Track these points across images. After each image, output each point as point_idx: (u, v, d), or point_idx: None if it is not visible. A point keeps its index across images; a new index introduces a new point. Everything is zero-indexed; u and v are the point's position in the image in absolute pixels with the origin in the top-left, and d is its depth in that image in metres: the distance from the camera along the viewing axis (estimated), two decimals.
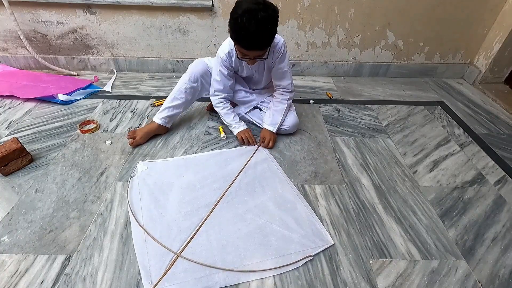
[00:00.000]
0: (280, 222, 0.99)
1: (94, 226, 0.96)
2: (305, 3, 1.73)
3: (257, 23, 0.97)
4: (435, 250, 0.93)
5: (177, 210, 1.02)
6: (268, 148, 1.32)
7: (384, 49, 1.95)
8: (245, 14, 0.97)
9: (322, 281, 0.84)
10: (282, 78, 1.31)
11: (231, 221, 0.99)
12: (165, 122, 1.35)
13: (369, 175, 1.21)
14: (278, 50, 1.22)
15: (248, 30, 0.98)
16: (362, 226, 1.00)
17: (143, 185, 1.10)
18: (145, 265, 0.85)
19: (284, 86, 1.33)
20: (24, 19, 1.74)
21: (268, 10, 1.00)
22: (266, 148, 1.32)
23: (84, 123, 1.43)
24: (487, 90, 1.89)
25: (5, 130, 1.39)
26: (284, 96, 1.35)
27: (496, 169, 1.27)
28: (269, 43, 1.08)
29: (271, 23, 1.01)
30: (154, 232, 0.94)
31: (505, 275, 0.87)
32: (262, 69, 1.33)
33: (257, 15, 0.97)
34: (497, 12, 1.79)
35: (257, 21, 0.97)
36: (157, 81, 1.88)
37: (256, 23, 0.97)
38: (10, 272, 0.83)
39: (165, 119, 1.34)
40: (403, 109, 1.68)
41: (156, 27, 1.81)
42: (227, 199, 1.07)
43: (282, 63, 1.26)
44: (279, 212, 1.02)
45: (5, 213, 1.00)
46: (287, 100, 1.35)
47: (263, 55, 1.13)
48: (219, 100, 1.36)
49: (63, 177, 1.14)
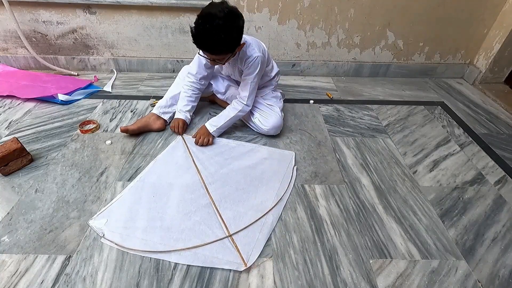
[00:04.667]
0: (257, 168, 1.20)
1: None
2: (305, 3, 1.73)
3: (210, 29, 0.99)
4: (435, 250, 0.93)
5: (183, 216, 1.03)
6: (197, 145, 1.31)
7: (384, 49, 1.95)
8: (203, 17, 1.00)
9: (322, 281, 0.84)
10: (243, 87, 1.30)
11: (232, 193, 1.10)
12: (159, 112, 1.39)
13: (369, 175, 1.21)
14: (248, 62, 1.22)
15: (199, 32, 1.01)
16: (362, 226, 1.00)
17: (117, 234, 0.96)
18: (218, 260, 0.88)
19: (241, 96, 1.32)
20: (24, 19, 1.74)
21: (228, 19, 1.00)
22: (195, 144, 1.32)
23: (84, 123, 1.43)
24: (487, 90, 1.89)
25: (5, 130, 1.39)
26: (236, 105, 1.33)
27: (496, 169, 1.27)
28: (222, 50, 1.07)
29: (226, 32, 1.00)
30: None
31: (505, 275, 0.88)
32: (238, 73, 1.35)
33: (213, 22, 0.98)
34: (497, 12, 1.79)
35: (211, 26, 0.99)
36: (157, 81, 1.88)
37: (209, 28, 0.99)
38: (10, 272, 0.83)
39: (159, 109, 1.40)
40: (403, 109, 1.68)
41: (156, 27, 1.81)
42: (208, 181, 1.15)
43: (248, 75, 1.26)
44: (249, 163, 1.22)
45: (5, 213, 1.00)
46: (238, 111, 1.32)
47: (221, 60, 1.13)
48: (187, 83, 1.38)
49: (63, 177, 1.14)
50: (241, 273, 0.85)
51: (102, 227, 0.96)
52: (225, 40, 1.03)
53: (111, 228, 0.96)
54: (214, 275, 0.85)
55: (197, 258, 0.88)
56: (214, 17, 0.98)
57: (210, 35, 1.01)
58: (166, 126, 1.43)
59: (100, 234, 0.93)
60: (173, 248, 0.91)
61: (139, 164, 1.22)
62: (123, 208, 1.03)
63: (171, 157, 1.26)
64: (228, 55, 1.12)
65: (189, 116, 1.41)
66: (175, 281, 0.83)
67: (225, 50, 1.08)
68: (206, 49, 1.08)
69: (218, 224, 0.98)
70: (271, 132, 1.37)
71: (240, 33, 1.07)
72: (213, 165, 1.22)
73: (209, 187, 1.11)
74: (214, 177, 1.16)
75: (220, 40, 1.02)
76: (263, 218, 1.01)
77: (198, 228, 0.97)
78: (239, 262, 0.87)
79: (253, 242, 0.93)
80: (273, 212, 1.03)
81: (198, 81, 1.37)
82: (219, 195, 1.08)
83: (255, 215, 1.01)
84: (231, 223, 0.98)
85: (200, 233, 0.96)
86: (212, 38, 1.01)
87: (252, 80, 1.26)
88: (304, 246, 0.93)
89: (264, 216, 1.01)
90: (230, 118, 1.33)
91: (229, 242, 0.93)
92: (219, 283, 0.83)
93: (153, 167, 1.21)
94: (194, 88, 1.38)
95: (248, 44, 1.22)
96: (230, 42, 1.06)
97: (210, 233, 0.95)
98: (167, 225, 0.98)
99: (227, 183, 1.14)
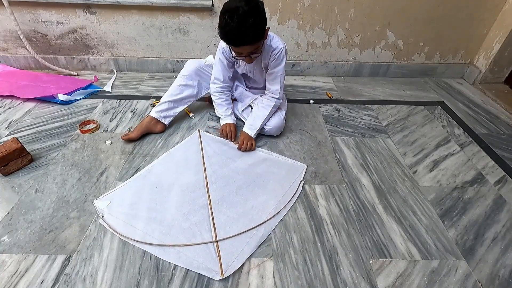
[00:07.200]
0: (263, 176, 1.17)
1: (94, 226, 0.96)
2: (305, 3, 1.73)
3: (239, 18, 0.99)
4: (435, 250, 0.93)
5: (177, 211, 1.03)
6: (241, 150, 1.30)
7: (384, 49, 1.95)
8: (227, 12, 1.01)
9: (322, 281, 0.84)
10: (272, 81, 1.31)
11: (232, 197, 1.09)
12: (160, 116, 1.37)
13: (369, 175, 1.21)
14: (275, 54, 1.23)
15: (231, 26, 1.01)
16: (362, 226, 1.00)
17: (114, 218, 1.00)
18: (198, 264, 0.87)
19: (273, 90, 1.32)
20: (24, 19, 1.74)
21: (250, 4, 1.01)
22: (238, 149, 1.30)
23: (84, 123, 1.43)
24: (487, 90, 1.89)
25: (5, 130, 1.39)
26: (269, 102, 1.33)
27: (496, 169, 1.27)
28: (256, 36, 1.07)
29: (253, 16, 1.01)
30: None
31: (505, 275, 0.88)
32: (259, 69, 1.33)
33: (238, 11, 0.99)
34: (497, 12, 1.79)
35: (238, 16, 0.99)
36: (157, 81, 1.88)
37: (238, 19, 0.99)
38: (10, 272, 0.83)
39: (159, 113, 1.37)
40: (403, 109, 1.68)
41: (156, 27, 1.81)
42: (211, 180, 1.15)
43: (276, 67, 1.27)
44: (257, 172, 1.20)
45: (5, 213, 1.00)
46: (272, 107, 1.33)
47: (257, 50, 1.13)
48: (216, 89, 1.37)
49: (63, 177, 1.14)
50: (241, 274, 0.85)
51: (104, 208, 1.01)
52: (255, 23, 1.02)
53: (111, 211, 1.01)
54: None
55: (178, 257, 0.88)
56: (238, 7, 0.99)
57: (242, 24, 1.00)
58: (166, 129, 1.42)
59: (100, 215, 0.98)
60: (160, 242, 0.91)
61: (139, 164, 1.22)
62: (127, 194, 1.07)
63: (184, 151, 1.28)
64: (261, 42, 1.12)
65: (235, 118, 1.40)
66: (175, 281, 0.83)
67: (259, 35, 1.08)
68: (243, 41, 1.06)
69: (208, 227, 0.97)
70: (272, 132, 1.37)
71: (264, 14, 1.07)
72: (219, 164, 1.22)
73: (211, 187, 1.11)
74: (217, 176, 1.16)
75: (251, 25, 1.01)
76: (254, 230, 0.96)
77: (188, 227, 0.97)
78: (217, 271, 0.84)
79: (237, 253, 0.89)
80: (265, 225, 0.98)
81: (227, 83, 1.37)
82: (218, 196, 1.08)
83: (247, 224, 0.98)
84: (221, 229, 0.96)
85: (188, 232, 0.95)
86: (246, 26, 1.01)
87: (281, 72, 1.28)
88: (304, 246, 0.93)
89: (255, 228, 0.97)
90: (266, 116, 1.33)
91: (213, 248, 0.91)
92: (219, 283, 0.83)
93: (163, 158, 1.23)
94: (225, 91, 1.40)
95: (272, 37, 1.23)
96: (260, 25, 1.06)
97: (198, 235, 0.94)
98: (160, 218, 0.99)
99: (228, 184, 1.13)
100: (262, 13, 1.06)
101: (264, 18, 1.07)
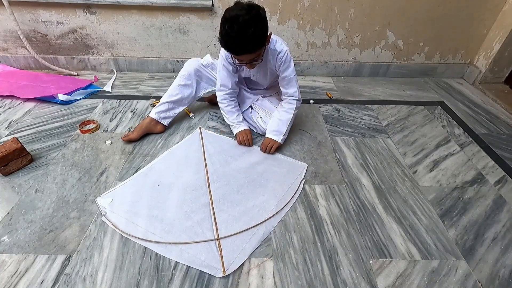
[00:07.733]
0: (264, 175, 1.18)
1: (94, 226, 0.96)
2: (305, 3, 1.73)
3: (239, 28, 0.98)
4: (435, 250, 0.93)
5: (178, 209, 1.03)
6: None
7: (384, 49, 1.95)
8: (227, 21, 1.00)
9: (322, 281, 0.84)
10: (288, 85, 1.30)
11: (233, 194, 1.09)
12: (159, 117, 1.37)
13: (369, 175, 1.21)
14: (280, 58, 1.22)
15: (231, 36, 1.00)
16: (362, 226, 1.00)
17: (116, 215, 1.01)
18: (201, 262, 0.87)
19: (291, 93, 1.31)
20: (24, 19, 1.74)
21: (250, 12, 1.00)
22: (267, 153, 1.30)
23: (84, 123, 1.43)
24: (487, 90, 1.89)
25: (5, 130, 1.39)
26: (290, 105, 1.32)
27: (496, 169, 1.27)
28: (257, 44, 1.06)
29: (254, 25, 1.00)
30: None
31: (505, 275, 0.88)
32: (262, 73, 1.33)
33: (238, 20, 0.98)
34: (497, 12, 1.79)
35: (238, 25, 0.98)
36: (157, 81, 1.88)
37: (238, 28, 0.98)
38: (10, 272, 0.83)
39: (159, 114, 1.37)
40: (403, 109, 1.68)
41: (156, 27, 1.81)
42: (212, 179, 1.15)
43: (287, 70, 1.26)
44: (259, 170, 1.20)
45: (5, 213, 1.00)
46: (294, 110, 1.32)
47: (257, 58, 1.13)
48: (224, 97, 1.35)
49: (63, 177, 1.14)
50: (241, 273, 0.85)
51: (106, 206, 1.02)
52: (256, 32, 1.02)
53: (113, 208, 1.01)
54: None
55: (181, 254, 0.89)
56: (238, 16, 0.98)
57: (242, 33, 0.99)
58: (166, 129, 1.42)
59: (102, 213, 0.98)
60: (162, 240, 0.92)
61: (139, 164, 1.22)
62: (128, 192, 1.08)
63: (185, 149, 1.29)
64: (262, 49, 1.12)
65: (245, 125, 1.38)
66: (175, 281, 0.83)
67: (260, 43, 1.07)
68: (244, 50, 1.05)
69: (210, 225, 0.98)
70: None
71: (265, 22, 1.06)
72: (220, 162, 1.23)
73: (212, 185, 1.12)
74: (219, 174, 1.17)
75: (252, 34, 1.01)
76: (255, 228, 0.97)
77: (190, 225, 0.97)
78: (219, 268, 0.85)
79: (238, 251, 0.90)
80: (266, 224, 0.99)
81: (234, 89, 1.35)
82: (219, 195, 1.08)
83: (248, 222, 0.99)
84: (223, 227, 0.97)
85: (190, 230, 0.96)
86: (246, 35, 1.00)
87: (293, 73, 1.27)
88: (304, 246, 0.93)
89: (256, 226, 0.98)
90: (290, 120, 1.32)
91: (215, 246, 0.92)
92: (219, 283, 0.83)
93: (165, 157, 1.24)
94: (233, 97, 1.38)
95: (275, 40, 1.22)
96: (261, 33, 1.05)
97: (200, 233, 0.95)
98: (162, 216, 0.99)
99: (230, 183, 1.14)
100: (263, 20, 1.04)
101: (265, 25, 1.06)
